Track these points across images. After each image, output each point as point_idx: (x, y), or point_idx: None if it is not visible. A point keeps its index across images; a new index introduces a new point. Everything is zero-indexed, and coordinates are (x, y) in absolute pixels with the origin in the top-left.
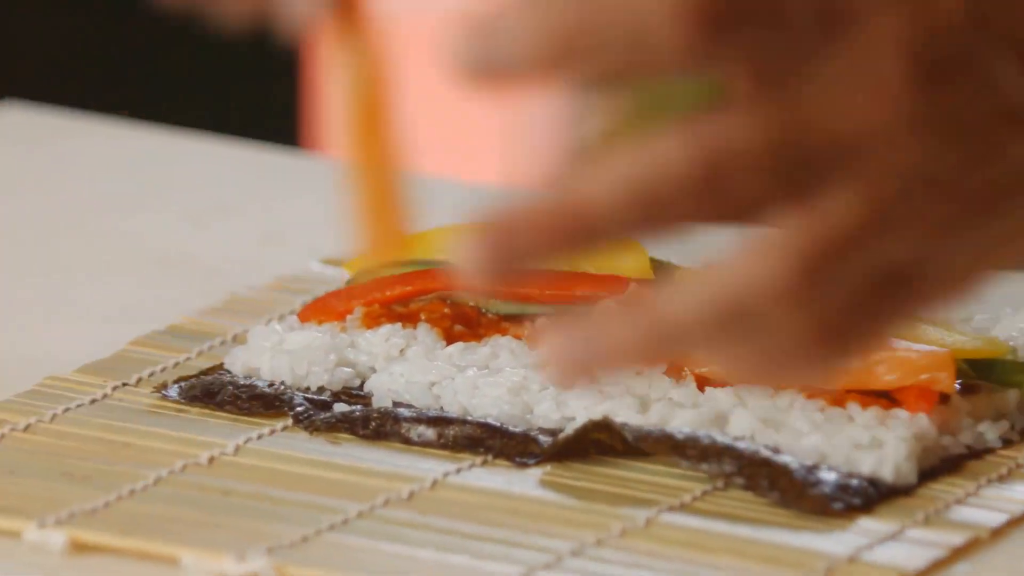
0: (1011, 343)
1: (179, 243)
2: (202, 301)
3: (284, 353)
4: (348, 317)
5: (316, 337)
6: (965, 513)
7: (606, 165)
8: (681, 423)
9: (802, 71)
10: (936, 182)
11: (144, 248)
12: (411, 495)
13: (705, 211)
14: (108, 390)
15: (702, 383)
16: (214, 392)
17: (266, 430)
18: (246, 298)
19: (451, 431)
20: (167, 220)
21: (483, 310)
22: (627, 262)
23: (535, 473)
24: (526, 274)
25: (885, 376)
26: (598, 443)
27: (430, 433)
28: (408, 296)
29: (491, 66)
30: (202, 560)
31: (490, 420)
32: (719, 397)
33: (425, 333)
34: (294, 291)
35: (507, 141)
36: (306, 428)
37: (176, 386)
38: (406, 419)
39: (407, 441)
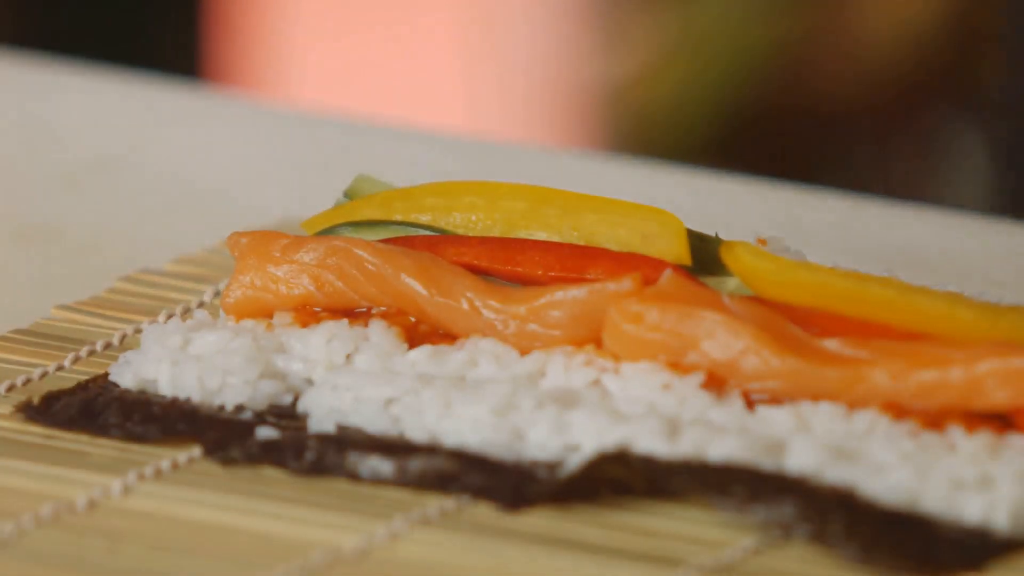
0: None
1: (46, 210)
2: (78, 289)
3: (190, 360)
4: (277, 314)
5: (233, 339)
6: None
7: None
8: (723, 453)
9: None
10: None
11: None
12: (360, 553)
13: None
14: None
15: (751, 400)
16: (95, 412)
17: (165, 464)
18: (137, 284)
19: (415, 464)
20: (30, 179)
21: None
22: (660, 241)
23: (529, 522)
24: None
25: (995, 392)
26: (612, 481)
27: (386, 467)
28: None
29: None
30: None
31: (468, 449)
32: (774, 419)
33: (380, 333)
34: (202, 276)
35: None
36: (220, 461)
37: (44, 404)
38: (354, 448)
39: (355, 477)
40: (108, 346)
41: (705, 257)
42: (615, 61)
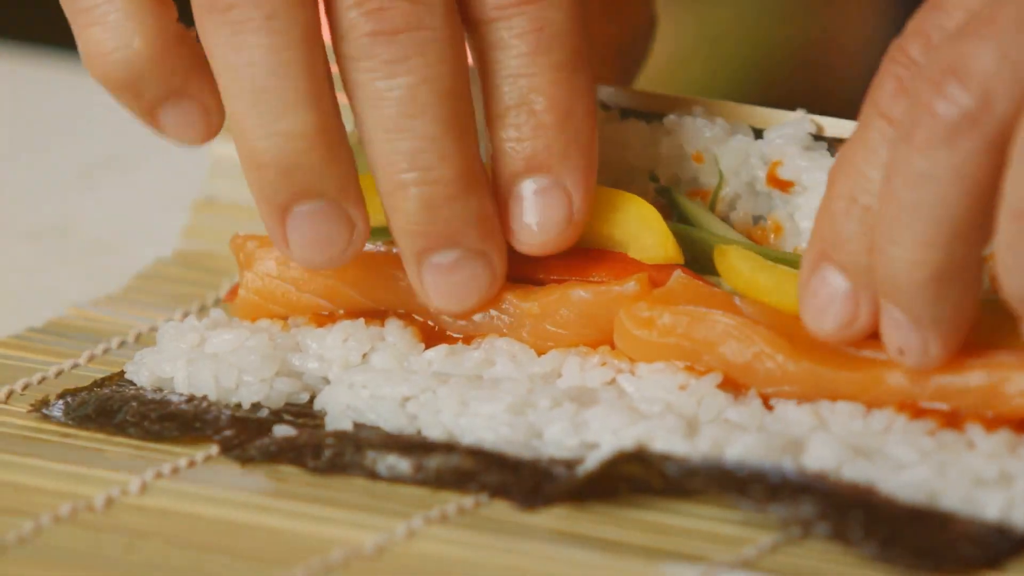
0: None
1: (60, 208)
2: (92, 286)
3: (206, 358)
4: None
5: (249, 337)
6: None
7: None
8: (742, 452)
9: None
10: None
11: (13, 215)
12: (379, 551)
13: None
14: None
15: (768, 400)
16: (112, 410)
17: (183, 461)
18: (152, 282)
19: (432, 462)
20: (44, 177)
21: None
22: (650, 244)
23: (546, 519)
24: None
25: (1016, 398)
26: (630, 479)
27: (404, 465)
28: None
29: None
30: None
31: (485, 447)
32: (792, 417)
33: (396, 332)
34: (216, 274)
35: None
36: (237, 459)
37: (61, 402)
38: (371, 446)
39: (373, 475)
40: (123, 344)
41: (700, 256)
42: None
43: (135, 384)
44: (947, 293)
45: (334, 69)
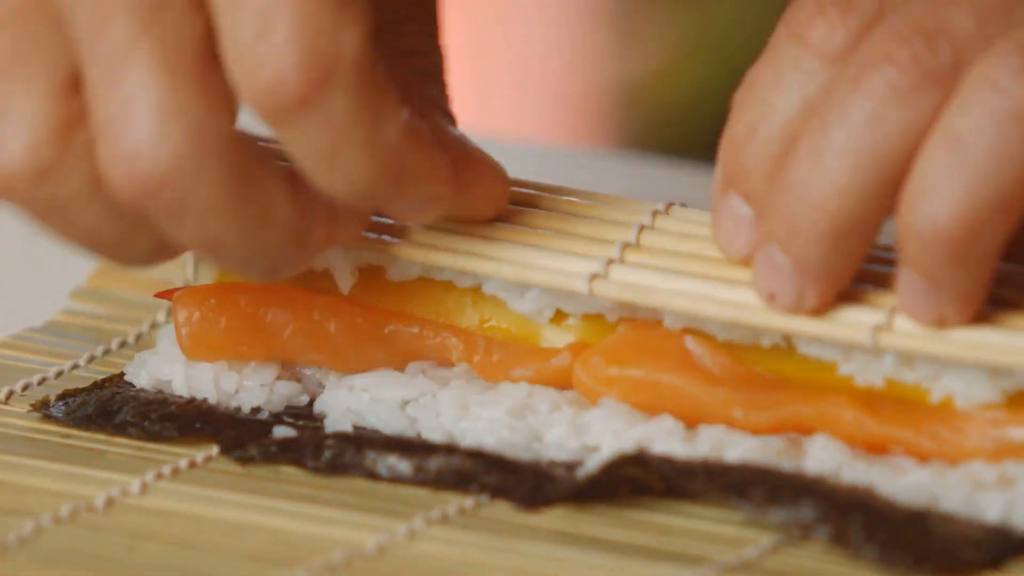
0: None
1: None
2: (92, 286)
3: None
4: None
5: None
6: None
7: None
8: (741, 454)
9: None
10: None
11: (14, 215)
12: (380, 551)
13: None
14: None
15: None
16: (112, 411)
17: (183, 462)
18: (153, 282)
19: (433, 463)
20: None
21: None
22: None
23: (547, 520)
24: None
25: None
26: (631, 481)
27: (404, 466)
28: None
29: None
30: None
31: (485, 449)
32: None
33: None
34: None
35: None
36: (237, 460)
37: (61, 403)
38: (372, 447)
39: (373, 476)
40: (123, 345)
41: None
42: (631, 60)
43: (135, 386)
44: (843, 247)
45: None
